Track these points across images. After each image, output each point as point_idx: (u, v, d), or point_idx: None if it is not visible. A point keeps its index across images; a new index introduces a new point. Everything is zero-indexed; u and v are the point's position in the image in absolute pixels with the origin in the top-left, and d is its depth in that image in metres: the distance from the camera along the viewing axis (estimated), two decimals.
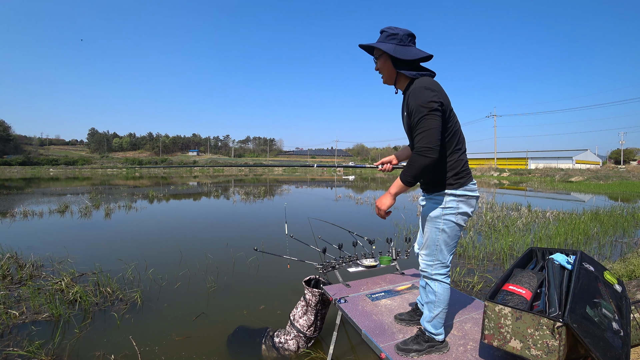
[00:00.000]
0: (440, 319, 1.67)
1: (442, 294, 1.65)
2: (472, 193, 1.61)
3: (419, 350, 1.65)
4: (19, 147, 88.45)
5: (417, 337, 1.70)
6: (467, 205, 1.61)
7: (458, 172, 1.59)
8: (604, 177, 26.10)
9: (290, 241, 3.35)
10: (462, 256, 4.68)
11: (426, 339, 1.67)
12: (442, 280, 1.66)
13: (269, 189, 17.73)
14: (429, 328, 1.68)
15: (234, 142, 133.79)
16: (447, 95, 1.56)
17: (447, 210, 1.59)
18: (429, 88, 1.47)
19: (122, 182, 24.12)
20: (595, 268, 1.71)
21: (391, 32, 1.58)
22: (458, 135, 1.60)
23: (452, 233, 1.62)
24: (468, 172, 1.62)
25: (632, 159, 64.02)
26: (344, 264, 2.78)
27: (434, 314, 1.66)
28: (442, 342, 1.69)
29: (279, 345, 2.40)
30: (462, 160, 1.61)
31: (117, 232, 6.48)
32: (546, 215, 7.71)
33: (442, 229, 1.61)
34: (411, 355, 1.64)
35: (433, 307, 1.67)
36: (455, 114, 1.62)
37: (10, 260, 4.23)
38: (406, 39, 1.59)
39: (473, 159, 60.69)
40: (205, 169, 54.69)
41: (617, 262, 3.87)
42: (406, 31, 1.59)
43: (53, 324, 2.77)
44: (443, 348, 1.68)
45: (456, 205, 1.59)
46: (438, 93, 1.48)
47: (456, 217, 1.60)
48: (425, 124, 1.44)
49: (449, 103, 1.55)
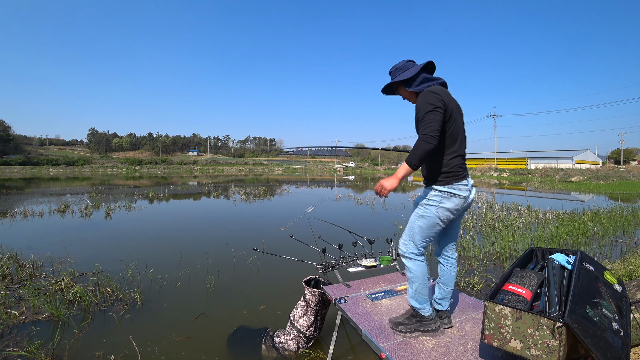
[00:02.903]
0: (421, 295, 1.85)
1: (417, 270, 1.84)
2: (456, 192, 1.76)
3: (406, 324, 1.86)
4: (19, 147, 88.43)
5: (406, 313, 1.94)
6: (449, 202, 1.76)
7: (447, 172, 1.76)
8: (604, 177, 26.10)
9: (290, 241, 3.35)
10: (462, 256, 4.67)
11: (414, 314, 1.88)
12: (414, 258, 1.85)
13: (269, 189, 17.73)
14: (414, 303, 1.88)
15: (234, 142, 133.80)
16: (454, 102, 1.78)
17: (430, 201, 1.79)
18: (434, 91, 1.72)
19: (122, 182, 24.12)
20: (595, 268, 1.71)
21: (395, 68, 1.91)
22: (455, 140, 1.78)
23: (430, 222, 1.79)
24: (457, 174, 1.77)
25: (632, 159, 63.97)
26: (344, 264, 2.78)
27: (413, 289, 1.87)
28: (430, 316, 1.87)
29: (279, 346, 2.40)
30: (453, 162, 1.77)
31: (117, 232, 6.48)
32: (546, 215, 7.71)
33: (421, 214, 1.81)
34: (400, 329, 1.86)
35: (411, 283, 1.87)
36: (458, 121, 1.79)
37: (10, 260, 4.23)
38: (406, 65, 1.88)
39: (473, 159, 60.67)
40: (205, 169, 54.56)
41: (617, 262, 3.87)
42: (404, 60, 1.90)
43: (53, 324, 2.77)
44: (431, 324, 1.85)
45: (439, 200, 1.77)
46: (442, 96, 1.70)
47: (437, 210, 1.77)
48: (428, 117, 1.67)
49: (453, 109, 1.75)
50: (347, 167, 79.78)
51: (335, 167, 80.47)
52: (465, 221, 7.16)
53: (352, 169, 72.12)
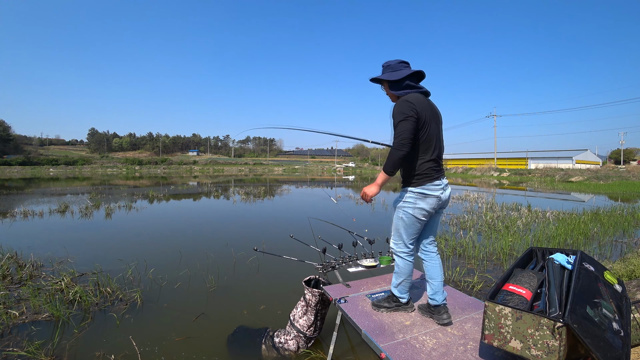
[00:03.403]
0: (403, 286, 2.10)
1: (404, 267, 2.06)
2: (429, 192, 1.90)
3: (388, 307, 2.13)
4: (19, 147, 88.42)
5: (388, 297, 2.17)
6: (424, 202, 1.91)
7: (419, 174, 1.90)
8: (604, 177, 26.09)
9: (290, 241, 3.35)
10: (462, 256, 4.67)
11: (394, 300, 2.14)
12: (404, 258, 2.05)
13: (269, 189, 17.73)
14: (395, 292, 2.13)
15: (234, 142, 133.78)
16: (429, 110, 1.89)
17: (406, 203, 1.95)
18: (409, 100, 1.85)
19: (122, 182, 24.12)
20: (596, 268, 1.71)
21: (386, 65, 2.02)
22: (429, 145, 1.90)
23: (410, 222, 1.96)
24: (429, 175, 1.90)
25: (632, 159, 63.90)
26: (344, 264, 2.78)
27: (398, 282, 2.10)
28: (407, 303, 2.14)
29: (279, 346, 2.40)
30: (425, 165, 1.90)
31: (117, 232, 6.48)
32: (546, 215, 7.71)
33: (400, 217, 1.98)
34: (381, 310, 2.12)
35: (397, 276, 2.10)
36: (432, 128, 1.90)
37: (10, 260, 4.23)
38: (397, 66, 1.97)
39: (473, 159, 60.67)
40: (205, 169, 54.55)
41: (617, 262, 3.87)
42: (398, 60, 1.98)
43: (53, 324, 2.77)
44: (408, 308, 2.14)
45: (414, 200, 1.92)
46: (416, 105, 1.82)
47: (413, 210, 1.93)
48: (400, 125, 1.82)
49: (427, 116, 1.86)
50: (347, 167, 79.84)
51: (335, 167, 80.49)
52: (465, 221, 7.16)
53: (352, 169, 72.14)
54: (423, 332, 1.89)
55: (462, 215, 8.09)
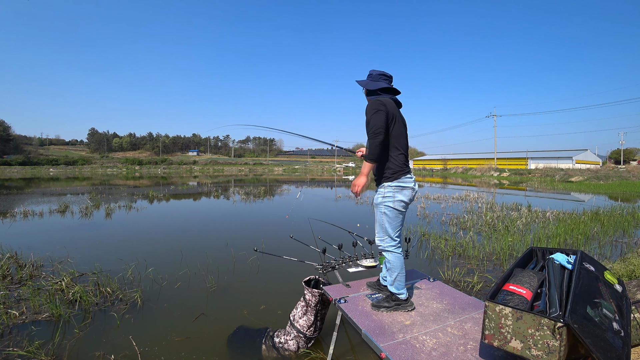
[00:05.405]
0: (399, 282, 2.14)
1: (395, 261, 2.14)
2: (405, 185, 2.08)
3: (387, 307, 2.13)
4: (19, 147, 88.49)
5: (387, 297, 2.19)
6: (402, 194, 2.08)
7: (393, 168, 2.08)
8: (604, 177, 26.08)
9: (290, 241, 3.35)
10: (462, 256, 4.67)
11: (394, 299, 2.14)
12: (393, 251, 2.14)
13: (269, 189, 17.72)
14: (393, 290, 2.15)
15: (234, 142, 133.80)
16: (397, 111, 2.13)
17: (386, 198, 2.09)
18: (379, 99, 2.09)
19: (122, 182, 24.12)
20: (596, 268, 1.71)
21: (370, 73, 2.26)
22: (398, 139, 2.10)
23: (393, 215, 2.09)
24: (403, 169, 2.10)
25: (632, 159, 63.94)
26: (343, 264, 2.78)
27: (393, 278, 2.14)
28: (406, 300, 2.16)
29: (279, 346, 2.40)
30: (399, 159, 2.10)
31: (117, 232, 6.48)
32: (546, 215, 7.71)
33: (383, 212, 2.10)
34: (381, 310, 2.12)
35: (391, 272, 2.15)
36: (400, 123, 2.13)
37: (10, 260, 4.23)
38: (377, 77, 2.22)
39: (473, 159, 60.63)
40: (205, 169, 54.55)
41: (617, 262, 3.87)
42: (380, 72, 2.24)
43: (53, 324, 2.77)
44: (408, 306, 2.14)
45: (392, 194, 2.07)
46: (385, 104, 2.05)
47: (394, 204, 2.07)
48: (373, 117, 2.02)
49: (396, 115, 2.10)
50: (347, 167, 79.79)
51: (335, 167, 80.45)
52: (465, 221, 7.16)
53: (352, 168, 72.07)
54: (423, 331, 1.89)
55: (462, 215, 8.09)
